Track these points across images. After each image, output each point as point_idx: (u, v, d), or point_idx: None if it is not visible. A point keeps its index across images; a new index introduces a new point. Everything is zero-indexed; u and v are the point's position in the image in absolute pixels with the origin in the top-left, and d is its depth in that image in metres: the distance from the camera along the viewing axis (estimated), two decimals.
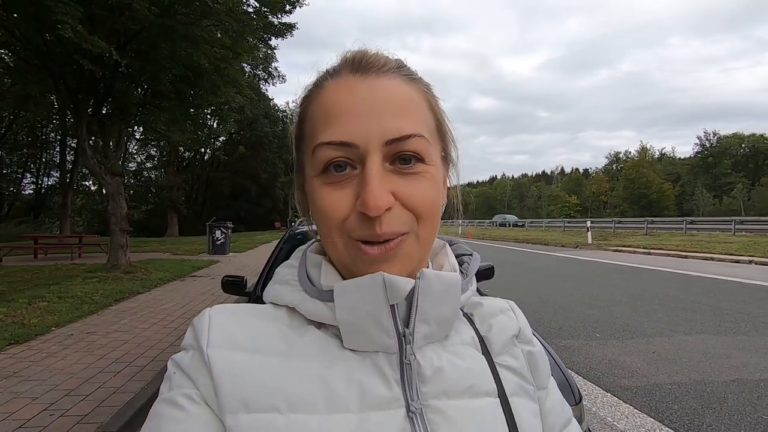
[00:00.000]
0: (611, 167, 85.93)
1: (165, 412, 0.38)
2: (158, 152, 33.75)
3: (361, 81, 0.41)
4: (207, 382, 0.38)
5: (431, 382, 0.41)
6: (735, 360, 3.91)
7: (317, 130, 0.41)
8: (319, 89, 0.44)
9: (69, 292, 6.43)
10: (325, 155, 0.40)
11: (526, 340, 0.51)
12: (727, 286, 7.63)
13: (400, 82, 0.42)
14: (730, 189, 56.38)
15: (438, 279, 0.41)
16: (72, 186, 19.69)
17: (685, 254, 13.04)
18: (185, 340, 0.42)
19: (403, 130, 0.40)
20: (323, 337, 0.42)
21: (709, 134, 67.42)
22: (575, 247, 17.23)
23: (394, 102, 0.41)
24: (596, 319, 5.49)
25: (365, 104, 0.40)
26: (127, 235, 9.30)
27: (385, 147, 0.39)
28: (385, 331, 0.40)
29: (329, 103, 0.41)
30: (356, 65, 0.42)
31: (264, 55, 25.87)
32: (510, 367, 0.47)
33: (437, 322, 0.42)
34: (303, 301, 0.43)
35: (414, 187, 0.40)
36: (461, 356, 0.44)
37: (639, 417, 2.91)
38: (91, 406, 2.95)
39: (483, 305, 0.51)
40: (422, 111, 0.43)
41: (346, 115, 0.40)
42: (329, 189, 0.40)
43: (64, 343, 4.31)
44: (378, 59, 0.43)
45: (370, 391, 0.39)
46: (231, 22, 8.65)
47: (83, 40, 6.63)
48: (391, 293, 0.39)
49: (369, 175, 0.38)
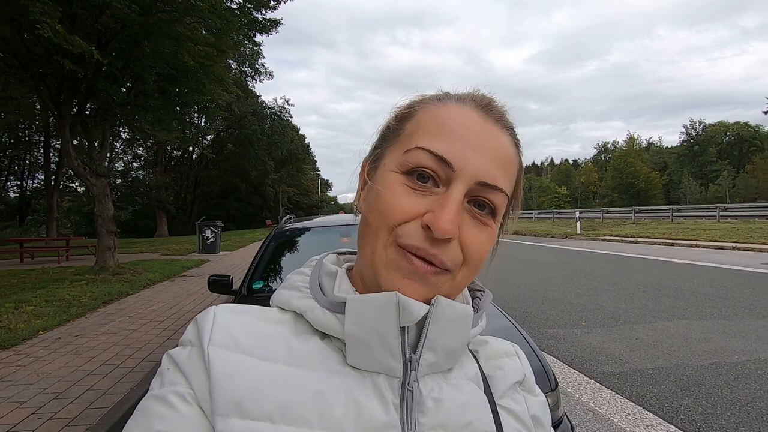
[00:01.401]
0: (600, 157, 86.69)
1: (153, 408, 0.37)
2: (145, 152, 33.33)
3: (483, 119, 0.43)
4: (203, 381, 0.37)
5: (430, 413, 0.40)
6: (714, 344, 4.03)
7: (421, 134, 0.42)
8: (440, 103, 0.45)
9: (56, 296, 6.37)
10: (418, 159, 0.41)
11: (529, 388, 0.51)
12: (710, 272, 7.80)
13: (510, 142, 0.44)
14: (716, 176, 57.26)
15: (451, 308, 0.41)
16: (57, 188, 19.37)
17: (671, 242, 13.28)
18: (185, 336, 0.41)
19: (498, 181, 0.41)
20: (326, 349, 0.41)
21: (695, 123, 68.31)
22: (565, 238, 17.43)
23: (500, 154, 0.42)
24: (582, 307, 5.59)
25: (478, 139, 0.41)
26: (115, 236, 9.21)
27: (474, 185, 0.40)
28: (392, 353, 0.40)
29: (446, 119, 0.43)
30: (483, 105, 0.44)
31: (250, 52, 25.59)
32: (512, 411, 0.47)
33: (444, 351, 0.42)
34: (312, 309, 0.43)
35: (478, 234, 0.41)
36: (462, 391, 0.43)
37: (620, 401, 2.99)
38: (79, 409, 2.96)
39: (489, 344, 0.52)
40: (513, 176, 0.45)
41: (458, 136, 0.41)
42: (405, 190, 0.41)
43: (51, 347, 4.29)
44: (502, 113, 0.45)
45: (367, 413, 0.38)
46: (214, 19, 8.54)
47: (63, 40, 6.51)
48: (403, 315, 0.38)
49: (451, 200, 0.39)
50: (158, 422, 0.36)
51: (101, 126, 9.87)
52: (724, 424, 2.63)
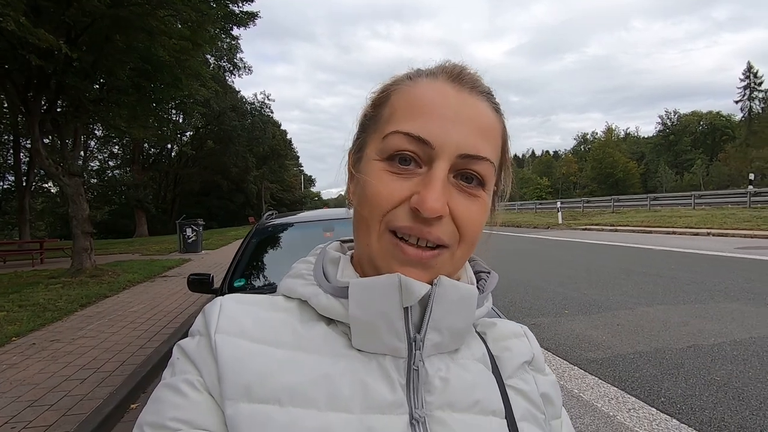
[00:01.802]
0: (580, 148, 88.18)
1: (166, 396, 0.37)
2: (121, 150, 32.43)
3: (456, 91, 0.42)
4: (212, 368, 0.38)
5: (437, 392, 0.41)
6: (692, 327, 4.14)
7: (397, 117, 0.42)
8: (411, 82, 0.44)
9: (30, 300, 6.17)
10: (397, 144, 0.40)
11: (538, 368, 0.51)
12: (686, 258, 8.03)
13: (488, 107, 0.43)
14: (690, 165, 58.82)
15: (454, 288, 0.41)
16: (29, 189, 18.72)
17: (649, 230, 13.62)
18: (194, 326, 0.42)
19: (480, 151, 0.41)
20: (331, 334, 0.42)
21: (670, 113, 69.99)
22: (547, 228, 17.71)
23: (479, 122, 0.41)
24: (565, 296, 5.68)
25: (454, 112, 0.40)
26: (92, 237, 8.93)
27: (457, 159, 0.40)
28: (396, 334, 0.40)
29: (418, 98, 0.42)
30: (455, 75, 0.43)
31: (228, 46, 25.06)
32: (521, 391, 0.46)
33: (449, 332, 0.42)
34: (316, 295, 0.43)
35: (469, 207, 0.41)
36: (469, 370, 0.44)
37: (603, 387, 3.04)
38: (56, 416, 2.86)
39: (497, 326, 0.51)
40: (497, 141, 0.44)
41: (431, 114, 0.40)
42: (389, 176, 0.40)
43: (26, 353, 4.14)
44: (475, 79, 0.44)
45: (374, 394, 0.39)
46: (189, 11, 8.29)
47: (28, 34, 6.23)
48: (406, 295, 0.39)
49: (434, 178, 0.39)
50: (171, 410, 0.37)
51: (73, 123, 9.54)
52: (703, 405, 2.70)
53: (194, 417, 0.36)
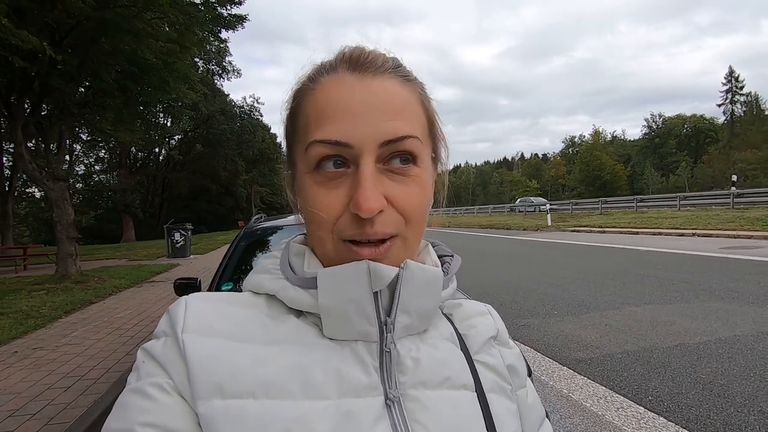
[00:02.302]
0: (568, 151, 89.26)
1: (132, 401, 0.36)
2: (108, 154, 32.00)
3: (359, 80, 0.41)
4: (181, 369, 0.37)
5: (409, 372, 0.41)
6: (678, 326, 4.19)
7: (311, 126, 0.41)
8: (315, 84, 0.43)
9: (12, 307, 6.02)
10: (318, 153, 0.40)
11: (503, 342, 0.53)
12: (672, 258, 8.15)
13: (396, 83, 0.42)
14: (676, 167, 59.92)
15: (421, 271, 0.42)
16: (12, 194, 18.35)
17: (636, 231, 13.81)
18: (159, 328, 0.41)
19: (399, 132, 0.40)
20: (302, 325, 0.42)
21: (656, 116, 71.31)
22: (536, 230, 17.86)
23: (390, 103, 0.41)
24: (554, 297, 5.72)
25: (362, 105, 0.40)
26: (77, 242, 8.78)
27: (380, 148, 0.40)
28: (367, 319, 0.40)
29: (325, 100, 0.41)
30: (353, 63, 0.42)
31: (216, 49, 24.88)
32: (488, 365, 0.48)
33: (418, 314, 0.43)
34: (284, 288, 0.43)
35: (405, 191, 0.41)
36: (438, 349, 0.44)
37: (592, 386, 3.06)
38: (38, 425, 2.79)
39: (462, 306, 0.52)
40: (417, 112, 0.43)
41: (342, 114, 0.40)
42: (322, 189, 0.40)
43: (7, 362, 4.04)
44: (376, 58, 0.43)
45: (349, 378, 0.39)
46: (176, 14, 8.24)
47: (11, 35, 6.13)
48: (375, 280, 0.39)
49: (363, 177, 0.38)
50: (139, 415, 0.35)
51: (58, 127, 9.41)
52: (689, 402, 2.73)
53: (165, 420, 0.35)
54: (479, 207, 47.23)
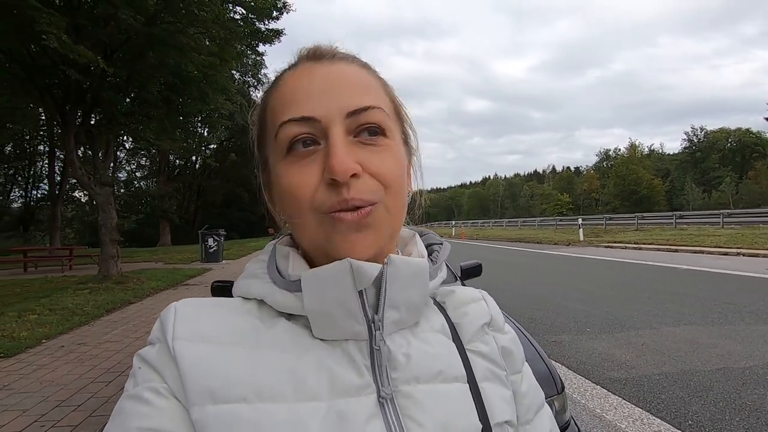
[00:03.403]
0: (602, 164, 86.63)
1: (130, 407, 0.36)
2: (149, 161, 33.54)
3: (318, 65, 0.43)
4: (174, 374, 0.37)
5: (401, 368, 0.41)
6: (721, 349, 3.98)
7: (277, 114, 0.42)
8: (278, 82, 0.45)
9: (59, 304, 6.37)
10: (288, 133, 0.41)
11: (497, 327, 0.52)
12: (714, 278, 7.75)
13: (355, 66, 0.44)
14: (719, 183, 57.02)
15: (405, 264, 0.42)
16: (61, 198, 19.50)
17: (675, 248, 13.21)
18: (152, 334, 0.41)
19: (363, 102, 0.41)
20: (293, 328, 0.42)
21: (697, 130, 68.26)
22: (567, 245, 17.38)
23: (351, 80, 0.42)
24: (587, 313, 5.55)
25: (324, 82, 0.41)
26: (118, 245, 9.23)
27: (347, 119, 0.40)
28: (355, 318, 0.40)
29: (287, 89, 0.43)
30: (312, 54, 0.45)
31: (253, 62, 25.84)
32: (481, 353, 0.47)
33: (406, 308, 0.43)
34: (272, 293, 0.43)
35: (379, 157, 0.41)
36: (430, 343, 0.44)
37: (627, 407, 2.95)
38: (82, 417, 2.94)
39: (455, 293, 0.52)
40: (379, 91, 0.45)
41: (305, 93, 0.41)
42: (295, 167, 0.41)
43: (54, 355, 4.28)
44: (333, 48, 0.45)
45: (341, 379, 0.39)
46: (218, 29, 8.65)
47: (69, 50, 6.59)
48: (358, 279, 0.38)
49: (333, 144, 0.39)
50: (137, 420, 0.35)
51: (106, 135, 9.98)
52: (732, 430, 2.59)
53: (162, 424, 0.35)
54: (508, 220, 46.43)
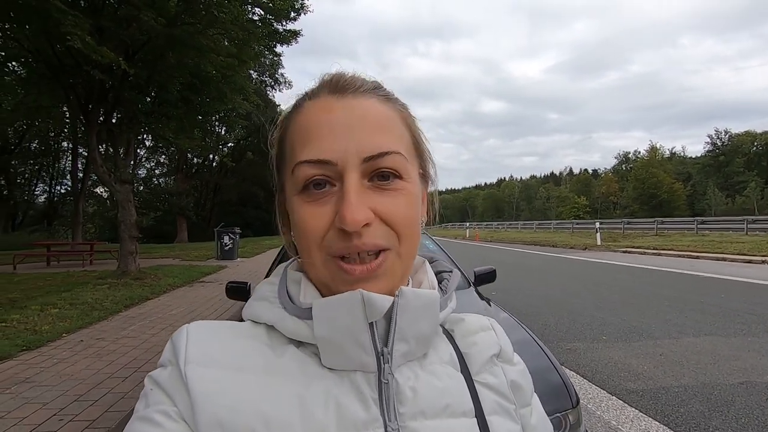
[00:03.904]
0: (620, 167, 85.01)
1: (140, 429, 0.37)
2: (167, 159, 34.17)
3: (339, 101, 0.42)
4: (185, 400, 0.37)
5: (408, 403, 0.41)
6: (744, 362, 3.86)
7: (296, 149, 0.42)
8: (299, 109, 0.45)
9: (80, 299, 6.54)
10: (304, 173, 0.41)
11: (506, 359, 0.51)
12: (738, 287, 7.52)
13: (376, 102, 0.43)
14: (743, 188, 55.45)
15: (416, 296, 0.41)
16: (83, 194, 20.01)
17: (696, 255, 12.85)
18: (163, 356, 0.42)
19: (381, 147, 0.41)
20: (302, 356, 0.42)
21: (721, 133, 66.47)
22: (584, 249, 17.07)
23: (370, 120, 0.42)
24: (603, 321, 5.44)
25: (342, 123, 0.41)
26: (137, 241, 9.42)
27: (363, 164, 0.40)
28: (364, 349, 0.40)
29: (307, 123, 0.43)
30: (334, 86, 0.44)
31: (270, 62, 26.09)
32: (489, 385, 0.47)
33: (416, 340, 0.42)
34: (282, 319, 0.43)
35: (393, 203, 0.41)
36: (438, 376, 0.44)
37: (644, 420, 2.88)
38: (99, 411, 3.01)
39: (464, 321, 0.52)
40: (399, 128, 0.44)
41: (323, 133, 0.41)
42: (309, 206, 0.41)
43: (74, 349, 4.39)
44: (355, 80, 0.44)
45: (348, 413, 0.39)
46: (236, 30, 8.77)
47: (92, 51, 6.77)
48: (369, 311, 0.39)
49: (347, 191, 0.39)
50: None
51: (126, 134, 10.18)
52: None
53: None
54: (523, 222, 45.91)
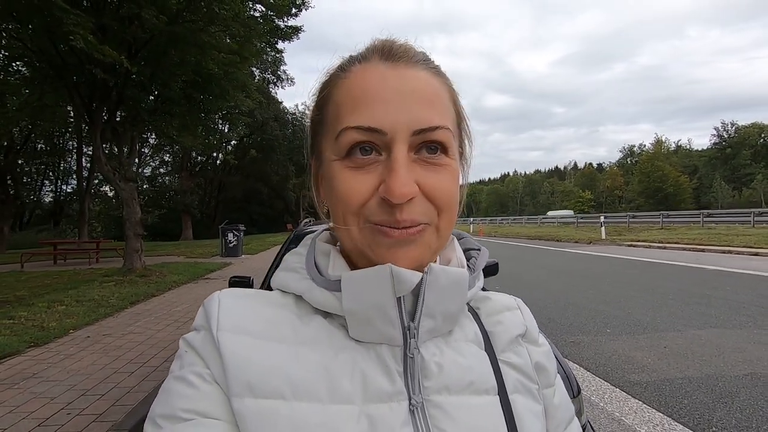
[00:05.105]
0: (626, 161, 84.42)
1: (176, 388, 0.38)
2: (171, 157, 34.32)
3: (391, 69, 0.42)
4: (217, 363, 0.38)
5: (434, 377, 0.41)
6: (749, 354, 3.84)
7: (342, 113, 0.41)
8: (345, 73, 0.43)
9: (86, 296, 6.61)
10: (350, 139, 0.40)
11: (532, 340, 0.51)
12: (744, 280, 7.47)
13: (427, 75, 0.43)
14: (750, 180, 54.93)
15: (445, 274, 0.41)
16: (89, 192, 20.16)
17: (702, 248, 12.78)
18: (196, 321, 0.43)
19: (432, 121, 0.40)
20: (329, 327, 0.42)
21: (727, 125, 65.73)
22: (589, 243, 17.01)
23: (422, 93, 0.41)
24: (607, 314, 5.43)
25: (395, 92, 0.40)
26: (142, 239, 9.49)
27: (412, 136, 0.40)
28: (391, 323, 0.40)
29: (357, 88, 0.42)
30: (386, 53, 0.43)
31: (272, 59, 26.06)
32: (513, 365, 0.47)
33: (443, 317, 0.43)
34: (310, 290, 0.43)
35: (437, 179, 0.40)
36: (463, 353, 0.44)
37: (648, 412, 2.88)
38: (106, 406, 3.05)
39: (490, 300, 0.51)
40: (446, 104, 0.44)
41: (375, 100, 0.40)
42: (352, 172, 0.40)
43: (81, 345, 4.44)
44: (407, 50, 0.44)
45: (374, 384, 0.39)
46: (237, 27, 8.78)
47: (95, 50, 6.80)
48: (398, 286, 0.39)
49: (396, 163, 0.39)
50: (182, 401, 0.37)
51: (130, 132, 10.23)
52: None
53: (205, 407, 0.37)
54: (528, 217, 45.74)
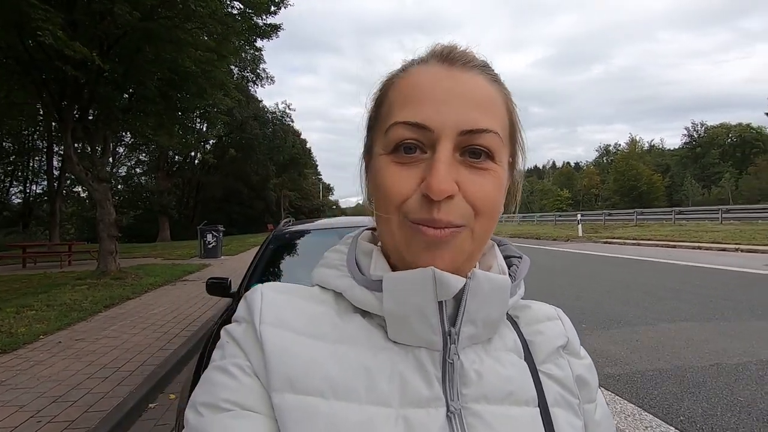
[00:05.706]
0: (602, 160, 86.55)
1: (217, 378, 0.38)
2: (148, 157, 33.46)
3: (446, 71, 0.42)
4: (258, 356, 0.39)
5: (473, 385, 0.41)
6: (715, 345, 4.00)
7: (394, 109, 0.42)
8: (403, 73, 0.44)
9: (58, 300, 6.40)
10: (398, 134, 0.40)
11: (573, 352, 0.50)
12: (712, 274, 7.77)
13: (483, 80, 0.43)
14: (718, 179, 57.02)
15: (488, 280, 0.41)
16: (60, 193, 19.50)
17: (674, 244, 13.22)
18: (238, 313, 0.43)
19: (480, 124, 0.40)
20: (368, 326, 0.42)
21: (697, 125, 68.19)
22: (566, 240, 17.39)
23: (474, 96, 0.41)
24: (583, 310, 5.57)
25: (447, 93, 0.40)
26: (117, 241, 9.24)
27: (459, 137, 0.40)
28: (431, 328, 0.40)
29: (410, 86, 0.42)
30: (444, 56, 0.43)
31: (251, 57, 25.76)
32: (554, 377, 0.46)
33: (483, 323, 0.42)
34: (351, 288, 0.43)
35: (479, 182, 0.40)
36: (503, 363, 0.44)
37: (620, 403, 2.98)
38: (78, 412, 2.96)
39: (530, 309, 0.51)
40: (500, 111, 0.43)
41: (426, 98, 0.41)
42: (396, 167, 0.41)
43: (52, 351, 4.30)
44: (466, 55, 0.44)
45: (412, 388, 0.39)
46: (215, 24, 8.63)
47: (65, 46, 6.57)
48: (440, 290, 0.39)
49: (438, 160, 0.39)
50: (222, 391, 0.38)
51: (103, 131, 9.92)
52: (724, 425, 2.61)
53: (245, 399, 0.37)
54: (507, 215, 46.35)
